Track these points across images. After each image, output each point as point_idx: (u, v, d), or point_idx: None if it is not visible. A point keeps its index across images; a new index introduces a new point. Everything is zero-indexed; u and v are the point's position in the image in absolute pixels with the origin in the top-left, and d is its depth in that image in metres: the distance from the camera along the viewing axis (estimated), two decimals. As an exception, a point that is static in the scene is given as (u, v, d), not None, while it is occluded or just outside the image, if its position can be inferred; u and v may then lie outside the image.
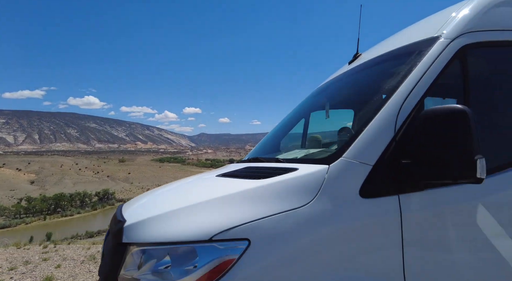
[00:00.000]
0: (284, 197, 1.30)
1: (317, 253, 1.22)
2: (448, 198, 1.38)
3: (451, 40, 1.60)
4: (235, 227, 1.20)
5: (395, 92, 1.48)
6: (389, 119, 1.40)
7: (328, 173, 1.33)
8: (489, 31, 1.70)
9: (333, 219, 1.26)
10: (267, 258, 1.18)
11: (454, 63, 1.58)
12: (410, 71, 1.55)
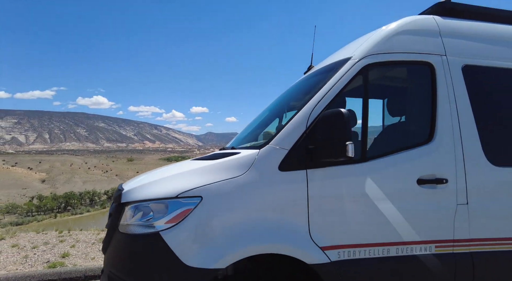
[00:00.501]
0: (227, 171, 1.99)
1: (247, 203, 1.93)
2: (339, 172, 2.07)
3: (358, 60, 2.28)
4: (192, 189, 1.90)
5: (313, 97, 2.16)
6: (303, 118, 2.08)
7: (258, 155, 2.02)
8: (388, 53, 2.37)
9: (258, 184, 1.95)
10: (212, 207, 1.88)
11: (358, 77, 2.25)
12: (325, 82, 2.24)
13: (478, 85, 2.52)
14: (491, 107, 2.57)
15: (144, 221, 1.94)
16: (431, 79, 2.43)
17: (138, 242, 1.90)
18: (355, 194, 2.09)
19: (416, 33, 2.50)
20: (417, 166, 2.24)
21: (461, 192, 2.27)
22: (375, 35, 2.52)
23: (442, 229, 2.22)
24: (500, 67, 2.61)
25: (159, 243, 1.82)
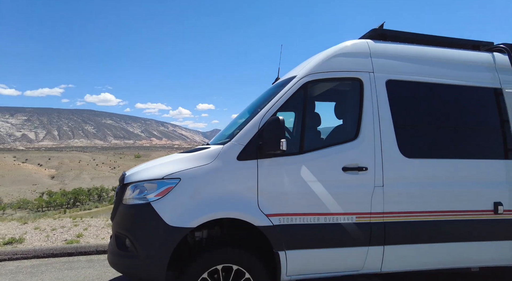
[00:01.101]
0: (199, 160, 2.79)
1: (212, 183, 2.72)
2: (281, 161, 2.86)
3: (300, 78, 3.05)
4: (174, 173, 2.70)
5: (265, 107, 2.94)
6: (257, 122, 2.86)
7: (222, 149, 2.80)
8: (325, 72, 3.14)
9: (221, 169, 2.75)
10: (187, 185, 2.68)
11: (302, 89, 3.01)
12: (276, 94, 3.02)
13: (397, 95, 3.28)
14: (406, 112, 3.33)
15: (140, 195, 2.75)
16: (360, 91, 3.19)
17: (136, 210, 2.72)
18: (293, 177, 2.87)
19: (350, 55, 3.27)
20: (343, 157, 3.01)
21: (378, 177, 3.04)
22: (317, 57, 3.30)
23: (362, 204, 2.99)
24: (417, 81, 3.37)
25: (150, 210, 2.64)
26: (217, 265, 2.67)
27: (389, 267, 3.09)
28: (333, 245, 2.92)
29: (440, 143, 3.38)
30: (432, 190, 3.16)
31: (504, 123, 3.50)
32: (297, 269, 2.86)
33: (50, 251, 4.86)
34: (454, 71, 3.52)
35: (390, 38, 3.57)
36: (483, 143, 3.52)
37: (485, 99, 3.57)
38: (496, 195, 3.30)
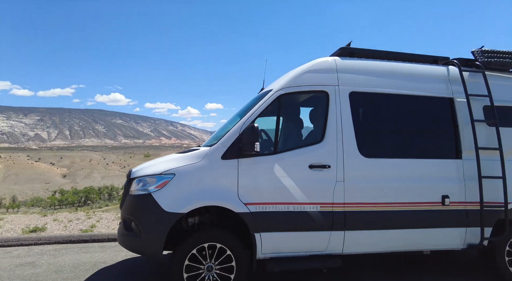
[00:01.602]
0: (190, 159, 3.46)
1: (200, 178, 3.38)
2: (258, 160, 3.49)
3: (275, 92, 3.69)
4: (170, 169, 3.38)
5: (246, 114, 3.58)
6: (239, 127, 3.50)
7: (209, 150, 3.46)
8: (297, 86, 3.77)
9: (208, 167, 3.41)
10: (181, 180, 3.36)
11: (277, 101, 3.65)
12: (255, 105, 3.66)
13: (359, 105, 3.90)
14: (366, 119, 3.95)
15: (143, 187, 3.43)
16: (326, 102, 3.82)
17: (140, 199, 3.40)
18: (267, 172, 3.51)
19: (318, 72, 3.89)
20: (310, 157, 3.64)
21: (340, 173, 3.66)
22: (290, 73, 3.94)
23: (325, 196, 3.62)
24: (377, 92, 3.98)
25: (151, 199, 3.31)
26: (204, 243, 3.34)
27: (349, 249, 3.71)
28: (301, 229, 3.56)
29: (396, 145, 3.99)
30: (387, 184, 3.77)
31: (455, 128, 4.08)
32: (270, 249, 3.50)
33: (68, 238, 5.60)
34: (412, 83, 4.12)
35: (357, 55, 4.19)
36: (436, 145, 4.11)
37: (439, 107, 4.16)
38: (444, 189, 3.89)
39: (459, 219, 3.91)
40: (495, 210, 3.95)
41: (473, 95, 4.14)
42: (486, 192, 3.92)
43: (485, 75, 4.22)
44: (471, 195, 3.92)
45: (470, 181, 3.94)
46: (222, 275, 3.36)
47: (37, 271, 4.19)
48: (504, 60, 4.39)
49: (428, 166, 3.93)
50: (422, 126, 4.13)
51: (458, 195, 3.91)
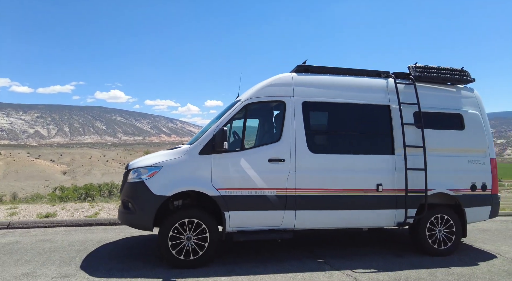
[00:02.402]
0: (174, 155, 4.51)
1: (182, 169, 4.43)
2: (227, 155, 4.54)
3: (242, 101, 4.70)
4: (158, 162, 4.43)
5: (219, 119, 4.60)
6: (213, 130, 4.54)
7: (189, 148, 4.49)
8: (260, 97, 4.78)
9: (188, 161, 4.46)
10: (167, 170, 4.39)
11: (242, 110, 4.66)
12: (227, 111, 4.67)
13: (309, 112, 4.90)
14: (315, 123, 4.95)
15: (137, 176, 4.43)
16: (283, 109, 4.82)
17: (135, 185, 4.41)
18: (235, 165, 4.52)
19: (278, 85, 4.89)
20: (269, 153, 4.64)
21: (292, 165, 4.67)
22: (256, 86, 4.94)
23: (281, 183, 4.62)
24: (325, 101, 4.98)
25: (143, 185, 4.32)
26: (184, 219, 4.34)
27: (300, 225, 4.72)
28: (261, 209, 4.57)
29: (339, 143, 5.01)
30: (331, 174, 4.78)
31: (390, 130, 5.08)
32: (237, 224, 4.51)
33: (76, 222, 6.62)
34: (356, 93, 5.12)
35: (312, 71, 5.19)
36: (374, 143, 5.13)
37: (378, 113, 5.17)
38: (378, 179, 4.90)
39: (390, 202, 4.93)
40: (418, 195, 4.97)
41: (405, 103, 5.15)
42: (412, 181, 4.94)
43: (415, 87, 5.23)
44: (400, 184, 4.94)
45: (400, 172, 4.95)
46: (198, 243, 4.37)
47: (54, 245, 5.20)
48: (433, 74, 5.39)
49: (366, 160, 4.95)
50: (363, 128, 5.14)
51: (390, 183, 4.93)
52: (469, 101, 5.54)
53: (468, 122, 5.35)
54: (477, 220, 5.42)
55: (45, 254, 4.72)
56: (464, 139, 5.29)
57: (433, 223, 5.09)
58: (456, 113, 5.35)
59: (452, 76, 5.46)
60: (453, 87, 5.60)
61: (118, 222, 6.64)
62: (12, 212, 7.35)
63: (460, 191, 5.17)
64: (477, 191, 5.24)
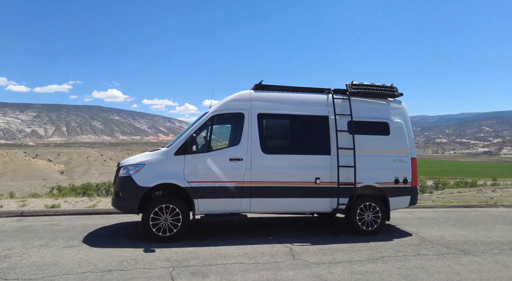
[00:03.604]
0: (155, 155, 5.88)
1: (161, 167, 5.77)
2: (197, 155, 5.88)
3: (209, 113, 6.06)
4: (142, 161, 5.79)
5: (191, 128, 5.94)
6: (185, 136, 5.89)
7: (167, 150, 5.84)
8: (224, 110, 6.14)
9: (165, 160, 5.81)
10: (149, 167, 5.73)
11: (209, 120, 6.01)
12: (197, 122, 6.01)
13: (263, 121, 6.23)
14: (267, 130, 6.27)
15: (126, 172, 5.73)
16: (242, 120, 6.14)
17: (124, 178, 5.72)
18: (202, 163, 5.83)
19: (239, 100, 6.21)
20: (231, 153, 5.96)
21: (248, 163, 5.99)
22: (221, 101, 6.24)
23: (239, 177, 5.94)
24: (276, 113, 6.30)
25: (130, 178, 5.63)
26: (162, 205, 5.65)
27: (254, 209, 6.05)
28: (223, 197, 5.88)
29: (287, 146, 6.35)
30: (279, 170, 6.10)
31: (328, 135, 6.40)
32: (204, 208, 5.82)
33: (78, 212, 7.91)
34: (301, 106, 6.45)
35: (267, 88, 6.51)
36: (315, 146, 6.45)
37: (319, 122, 6.49)
38: (317, 173, 6.23)
39: (326, 192, 6.26)
40: (349, 187, 6.30)
41: (340, 114, 6.48)
42: (345, 176, 6.28)
43: (350, 101, 6.56)
44: (334, 178, 6.27)
45: (334, 169, 6.28)
46: (173, 223, 5.68)
47: (61, 228, 6.49)
48: (365, 91, 6.71)
49: (307, 159, 6.27)
50: (306, 134, 6.47)
51: (326, 177, 6.26)
52: (395, 112, 6.88)
53: (393, 129, 6.69)
54: (399, 207, 6.76)
55: (54, 233, 6.01)
56: (389, 142, 6.63)
57: (362, 209, 6.42)
58: (384, 122, 6.69)
59: (382, 92, 6.80)
60: (384, 100, 6.93)
61: (113, 211, 7.94)
62: (23, 204, 8.63)
63: (385, 184, 6.51)
64: (399, 184, 6.58)
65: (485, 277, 4.32)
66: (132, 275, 4.08)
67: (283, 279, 4.10)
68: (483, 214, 9.42)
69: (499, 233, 6.88)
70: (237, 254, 5.05)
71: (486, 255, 5.29)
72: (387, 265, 4.68)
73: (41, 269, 4.20)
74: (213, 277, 4.09)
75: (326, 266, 4.57)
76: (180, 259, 4.72)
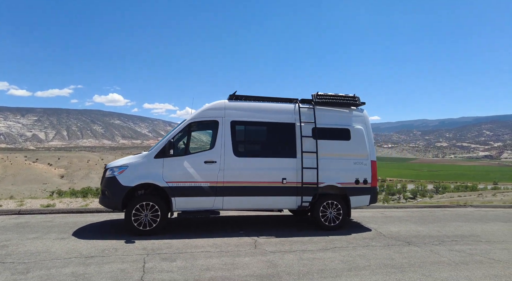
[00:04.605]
0: (137, 158, 6.65)
1: (142, 168, 6.53)
2: (175, 158, 6.64)
3: (187, 120, 6.83)
4: (126, 163, 6.57)
5: (171, 133, 6.70)
6: (164, 142, 6.66)
7: (148, 153, 6.60)
8: (201, 117, 6.93)
9: (146, 162, 6.56)
10: (131, 169, 6.48)
11: (187, 127, 6.77)
12: (177, 127, 6.76)
13: (236, 127, 6.96)
14: (239, 135, 7.01)
15: (112, 173, 6.47)
16: (217, 126, 6.90)
17: (110, 179, 6.45)
18: (180, 165, 6.56)
19: (214, 109, 6.97)
20: (205, 157, 6.70)
21: (222, 165, 6.73)
22: (198, 110, 6.99)
23: (213, 178, 6.67)
24: (248, 120, 7.04)
25: (115, 179, 6.37)
26: (143, 202, 6.36)
27: (226, 207, 6.77)
28: (198, 195, 6.60)
29: (256, 150, 7.09)
30: (249, 172, 6.83)
31: (294, 140, 7.13)
32: (181, 206, 6.54)
33: (71, 210, 8.63)
34: (271, 114, 7.19)
35: (241, 99, 7.26)
36: (283, 150, 7.18)
37: (287, 128, 7.23)
38: (284, 174, 6.95)
39: (292, 191, 6.97)
40: (313, 187, 7.01)
41: (305, 121, 7.22)
42: (309, 177, 7.00)
43: (314, 110, 7.30)
44: (299, 178, 6.98)
45: (300, 170, 7.00)
46: (153, 219, 6.39)
47: (54, 224, 7.21)
48: (328, 100, 7.45)
49: (275, 162, 7.00)
50: (274, 139, 7.20)
51: (292, 178, 6.98)
52: (357, 119, 7.61)
53: (353, 134, 7.42)
54: (360, 205, 7.47)
55: (48, 228, 6.72)
56: (350, 147, 7.36)
57: (325, 206, 7.13)
58: (345, 128, 7.42)
59: (344, 101, 7.54)
60: (346, 108, 7.67)
61: (103, 210, 8.65)
62: (21, 204, 9.35)
63: (346, 184, 7.23)
64: (360, 184, 7.29)
65: (412, 262, 5.03)
66: (110, 260, 4.80)
67: (239, 263, 4.81)
68: (450, 213, 10.11)
69: (451, 229, 7.58)
70: (206, 244, 5.76)
71: (426, 246, 5.99)
72: (335, 254, 5.38)
73: (33, 256, 4.92)
74: (179, 262, 4.80)
75: (280, 254, 5.28)
76: (155, 248, 5.44)
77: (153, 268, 4.54)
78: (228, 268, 4.58)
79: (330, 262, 4.97)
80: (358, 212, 9.62)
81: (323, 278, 4.32)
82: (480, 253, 5.58)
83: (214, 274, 4.37)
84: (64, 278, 4.11)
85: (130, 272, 4.36)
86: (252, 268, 4.60)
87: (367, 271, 4.62)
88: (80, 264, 4.59)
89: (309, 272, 4.52)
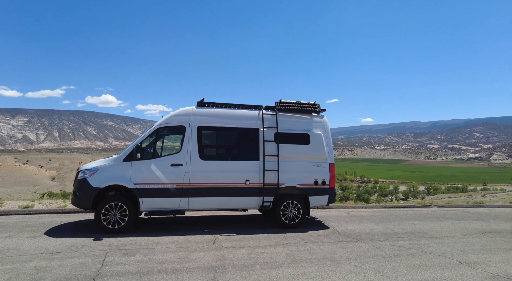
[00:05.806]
0: (107, 161, 7.08)
1: (111, 171, 6.96)
2: (143, 161, 7.08)
3: (155, 126, 7.31)
4: (96, 166, 7.01)
5: (138, 138, 7.15)
6: (133, 146, 7.13)
7: (117, 157, 7.05)
8: (168, 123, 7.40)
9: (115, 165, 7.02)
10: (101, 171, 6.93)
11: (155, 131, 7.24)
12: (146, 132, 7.23)
13: (202, 132, 7.45)
14: (205, 139, 7.49)
15: (83, 175, 6.90)
16: (184, 131, 7.37)
17: (81, 181, 6.89)
18: (147, 168, 7.02)
19: (182, 115, 7.45)
20: (172, 160, 7.17)
21: (188, 168, 7.20)
22: (167, 115, 7.46)
23: (179, 180, 7.14)
24: (213, 126, 7.53)
25: (86, 181, 6.81)
26: (112, 202, 6.80)
27: (192, 207, 7.23)
28: (164, 196, 7.05)
29: (221, 153, 7.58)
30: (214, 174, 7.31)
31: (258, 145, 7.63)
32: (147, 206, 6.99)
33: (48, 211, 9.00)
34: (236, 120, 7.69)
35: (208, 105, 7.74)
36: (247, 153, 7.67)
37: (251, 133, 7.73)
38: (247, 176, 7.45)
39: (255, 192, 7.47)
40: (274, 188, 7.52)
41: (268, 127, 7.73)
42: (270, 178, 7.51)
43: (277, 116, 7.82)
44: (261, 180, 7.48)
45: (262, 172, 7.49)
46: (121, 218, 6.83)
47: (29, 224, 7.59)
48: (290, 107, 7.97)
49: (239, 164, 7.49)
50: (239, 143, 7.70)
51: (255, 179, 7.48)
52: (317, 125, 8.15)
53: (313, 139, 7.95)
54: (319, 204, 7.99)
55: (21, 228, 7.11)
56: (309, 150, 7.88)
57: (286, 206, 7.64)
58: (305, 133, 7.95)
59: (305, 108, 8.07)
60: (307, 115, 8.20)
61: (80, 211, 9.04)
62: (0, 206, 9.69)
63: (305, 185, 7.75)
64: (318, 185, 7.82)
65: (351, 255, 5.56)
66: (75, 255, 5.23)
67: (193, 257, 5.28)
68: (413, 212, 10.70)
69: (404, 226, 8.15)
70: (169, 241, 6.21)
71: (372, 242, 6.53)
72: (284, 249, 5.88)
73: (2, 252, 5.33)
74: (137, 256, 5.25)
75: (233, 249, 5.76)
76: (119, 245, 5.88)
77: (112, 261, 4.99)
78: (181, 261, 5.05)
79: (276, 255, 5.46)
80: (325, 211, 10.15)
81: (264, 269, 4.82)
82: (415, 247, 6.14)
83: (166, 266, 4.84)
84: (26, 271, 4.54)
85: (89, 265, 4.80)
86: (202, 261, 5.08)
87: (306, 263, 5.12)
88: (44, 259, 5.02)
89: (253, 264, 5.01)
